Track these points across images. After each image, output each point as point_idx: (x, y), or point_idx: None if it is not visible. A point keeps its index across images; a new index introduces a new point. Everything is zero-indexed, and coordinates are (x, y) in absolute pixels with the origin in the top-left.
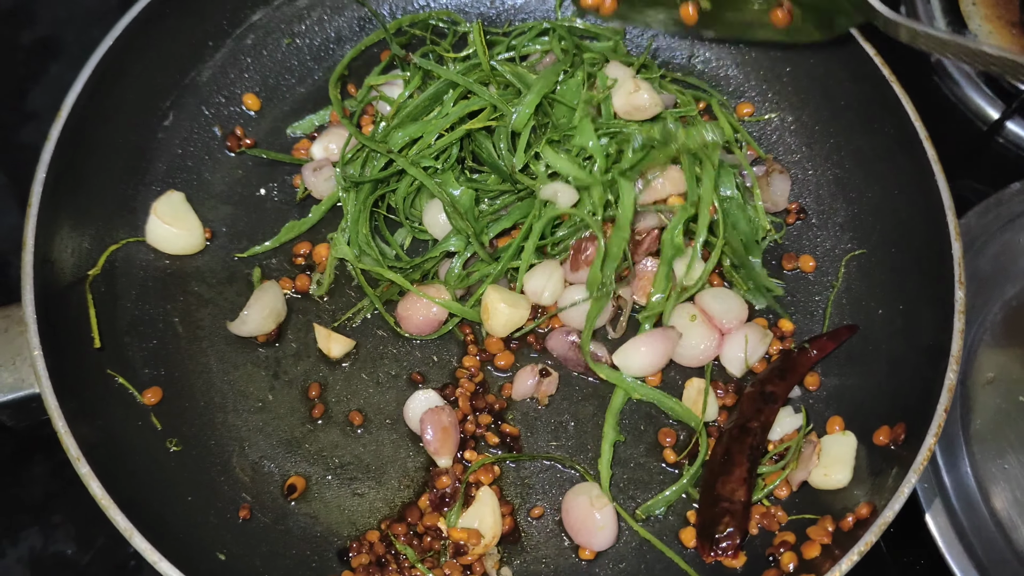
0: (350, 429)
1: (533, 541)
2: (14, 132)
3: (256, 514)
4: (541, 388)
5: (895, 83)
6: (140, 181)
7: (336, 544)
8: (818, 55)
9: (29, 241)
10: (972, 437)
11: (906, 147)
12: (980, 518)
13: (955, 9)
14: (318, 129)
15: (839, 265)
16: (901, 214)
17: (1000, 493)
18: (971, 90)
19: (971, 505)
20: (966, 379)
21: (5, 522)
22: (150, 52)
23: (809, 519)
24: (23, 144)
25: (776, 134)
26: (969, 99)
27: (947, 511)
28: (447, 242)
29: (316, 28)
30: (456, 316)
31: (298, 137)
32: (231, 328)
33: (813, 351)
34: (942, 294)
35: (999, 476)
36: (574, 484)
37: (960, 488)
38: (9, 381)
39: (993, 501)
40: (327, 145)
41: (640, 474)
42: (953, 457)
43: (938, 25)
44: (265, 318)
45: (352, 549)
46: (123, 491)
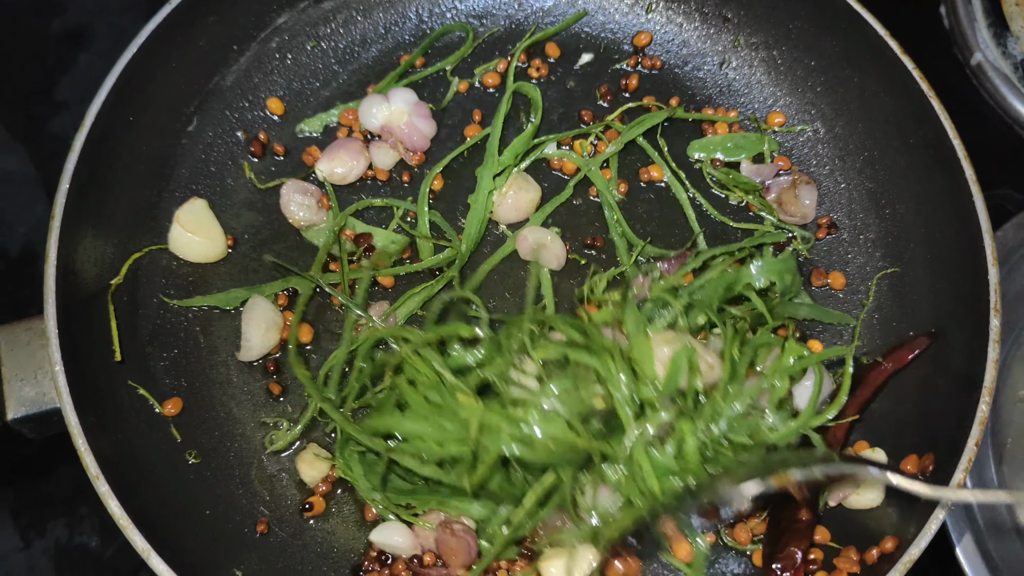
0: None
1: None
2: (44, 123)
3: (274, 528)
4: None
5: (933, 97)
6: (163, 188)
7: (352, 560)
8: (853, 66)
9: (52, 253)
10: (1003, 456)
11: (943, 164)
12: (1008, 540)
13: (998, 10)
14: (327, 131)
15: (870, 283)
16: (936, 233)
17: None
18: (1011, 95)
19: (998, 526)
20: (998, 395)
21: (33, 514)
22: (175, 57)
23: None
24: (52, 135)
25: (808, 145)
26: (1009, 104)
27: (974, 533)
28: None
29: (341, 31)
30: None
31: (309, 138)
32: (240, 358)
33: (887, 364)
34: (976, 320)
35: None
36: None
37: (988, 507)
38: (31, 395)
39: (1021, 520)
40: (334, 168)
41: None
42: (982, 475)
43: (980, 28)
44: (265, 334)
45: (366, 565)
46: (141, 507)
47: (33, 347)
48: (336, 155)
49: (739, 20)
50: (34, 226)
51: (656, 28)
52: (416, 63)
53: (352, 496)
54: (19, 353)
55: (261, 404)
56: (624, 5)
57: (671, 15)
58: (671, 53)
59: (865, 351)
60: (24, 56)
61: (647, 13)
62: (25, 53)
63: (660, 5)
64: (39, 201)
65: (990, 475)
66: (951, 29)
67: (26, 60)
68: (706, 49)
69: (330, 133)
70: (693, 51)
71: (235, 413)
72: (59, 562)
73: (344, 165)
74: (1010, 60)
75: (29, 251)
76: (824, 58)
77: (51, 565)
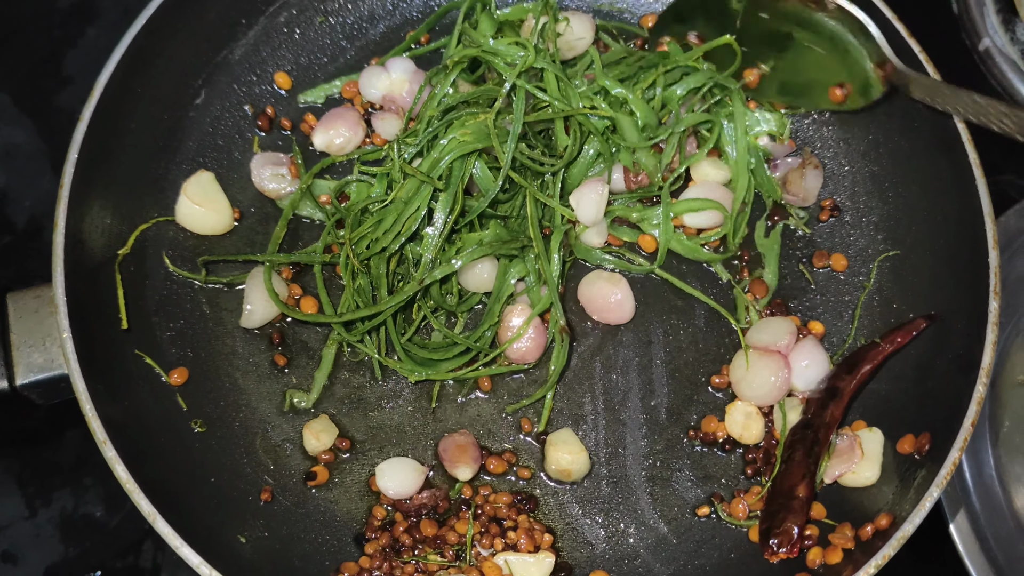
0: (374, 415)
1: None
2: (51, 96)
3: (277, 497)
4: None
5: (939, 79)
6: (171, 160)
7: (354, 528)
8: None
9: (60, 221)
10: (1000, 439)
11: (947, 147)
12: (1002, 521)
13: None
14: (329, 102)
15: (871, 265)
16: (938, 216)
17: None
18: (1018, 81)
19: (993, 507)
20: (997, 379)
21: (39, 483)
22: (183, 30)
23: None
24: (59, 108)
25: (813, 127)
26: (1016, 91)
27: (968, 513)
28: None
29: (349, 6)
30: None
31: (310, 107)
32: (242, 323)
33: (885, 344)
34: (976, 302)
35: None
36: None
37: (983, 489)
38: (39, 361)
39: (1016, 503)
40: (332, 139)
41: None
42: (978, 458)
43: (989, 13)
44: (267, 302)
45: (368, 534)
46: (147, 473)
47: (42, 314)
48: (332, 125)
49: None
50: (40, 198)
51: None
52: (421, 39)
53: (355, 464)
54: (28, 320)
55: (266, 375)
56: None
57: None
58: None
59: (864, 331)
60: (32, 30)
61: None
62: (33, 27)
63: None
64: (45, 173)
65: (987, 458)
66: (960, 14)
67: (34, 34)
68: None
69: (332, 104)
70: None
71: (240, 383)
72: (64, 531)
73: (341, 135)
74: (1018, 46)
75: (35, 223)
76: None
77: (57, 534)
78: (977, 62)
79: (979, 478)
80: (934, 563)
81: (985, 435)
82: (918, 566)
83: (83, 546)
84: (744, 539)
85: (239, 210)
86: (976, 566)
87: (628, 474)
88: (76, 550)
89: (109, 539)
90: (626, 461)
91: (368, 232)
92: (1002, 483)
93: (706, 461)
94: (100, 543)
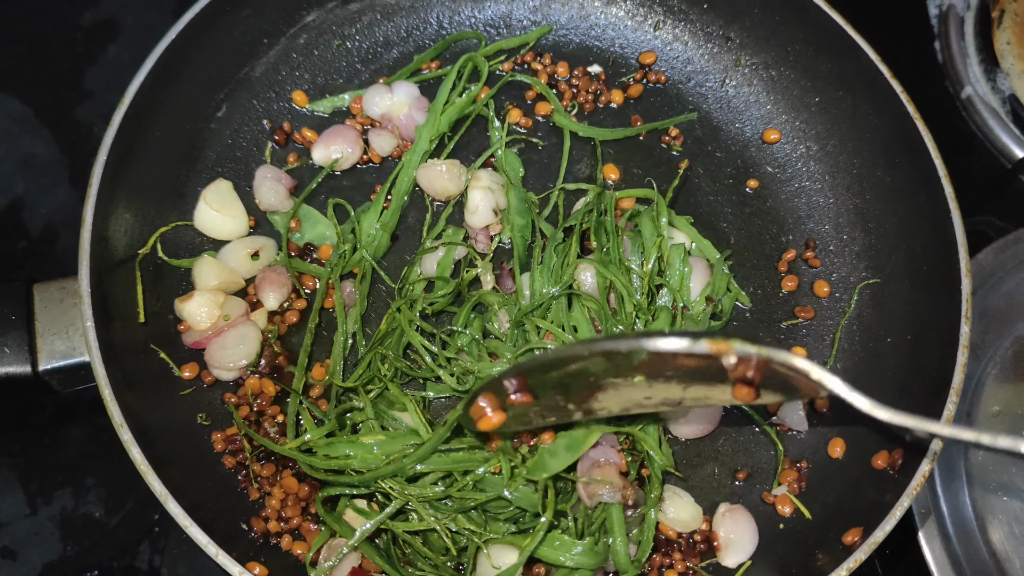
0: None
1: None
2: (71, 110)
3: None
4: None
5: (919, 120)
6: (191, 168)
7: None
8: (846, 88)
9: (88, 218)
10: (973, 468)
11: (926, 184)
12: (976, 550)
13: (989, 47)
14: (338, 113)
15: (852, 293)
16: (916, 247)
17: (998, 526)
18: (998, 128)
19: (967, 535)
20: (972, 411)
21: (40, 480)
22: (209, 46)
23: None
24: (78, 121)
25: (801, 161)
26: (996, 136)
27: (943, 540)
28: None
29: (366, 31)
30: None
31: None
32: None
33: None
34: (950, 328)
35: (998, 509)
36: None
37: (957, 518)
38: (61, 348)
39: (990, 533)
40: (329, 152)
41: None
42: (953, 488)
43: (972, 63)
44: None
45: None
46: (160, 459)
47: (66, 304)
48: (332, 141)
49: (741, 41)
50: (56, 207)
51: (662, 46)
52: (432, 65)
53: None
54: (52, 310)
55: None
56: (634, 22)
57: (678, 33)
58: (675, 69)
59: (844, 354)
60: (56, 45)
61: (655, 31)
62: (57, 42)
63: (668, 23)
64: (62, 183)
65: (961, 487)
66: (944, 63)
67: (57, 49)
68: (708, 67)
69: (341, 116)
70: (696, 68)
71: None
72: (64, 529)
73: (339, 151)
74: (999, 95)
75: (50, 230)
76: (819, 80)
77: (56, 532)
78: (959, 109)
79: (953, 504)
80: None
81: (960, 464)
82: None
83: (82, 545)
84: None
85: (254, 218)
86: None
87: None
88: (74, 549)
89: (108, 539)
90: None
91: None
92: (975, 510)
93: None
94: (99, 543)
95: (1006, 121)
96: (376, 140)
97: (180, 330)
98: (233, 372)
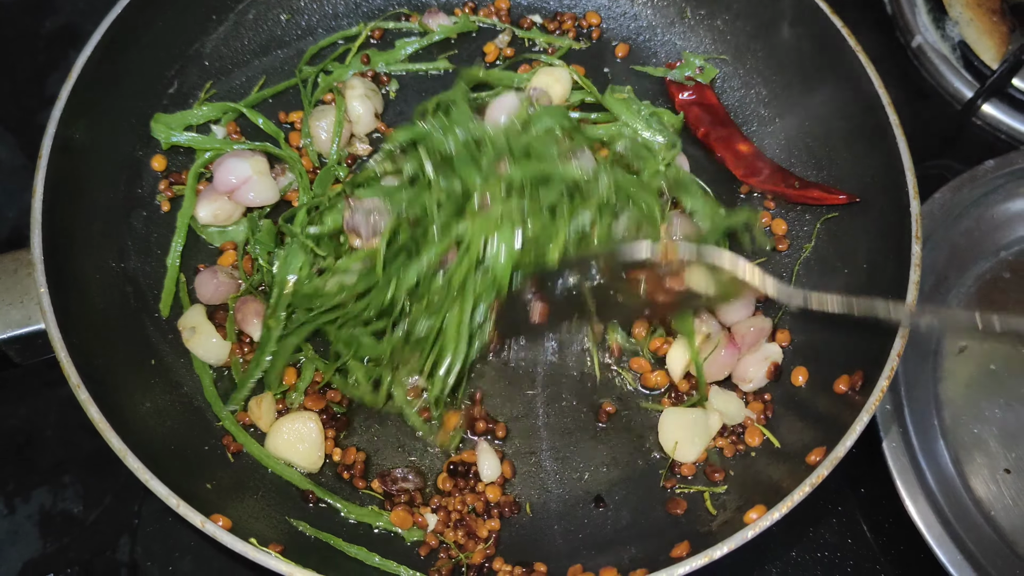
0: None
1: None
2: (34, 115)
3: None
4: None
5: (861, 53)
6: (146, 144)
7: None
8: (793, 30)
9: (39, 189)
10: (944, 404)
11: (869, 112)
12: (960, 502)
13: None
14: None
15: (809, 231)
16: (866, 178)
17: (978, 476)
18: (950, 73)
19: (950, 488)
20: (939, 348)
21: (18, 480)
22: (157, 22)
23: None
24: (41, 126)
25: (751, 107)
26: (947, 82)
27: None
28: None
29: (315, 5)
30: None
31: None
32: None
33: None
34: (902, 250)
35: (970, 443)
36: None
37: (937, 473)
38: (17, 318)
39: (971, 483)
40: (216, 211)
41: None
42: (930, 444)
43: (920, 12)
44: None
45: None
46: (119, 419)
47: (20, 275)
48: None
49: None
50: (23, 212)
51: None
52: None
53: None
54: (7, 280)
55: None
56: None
57: None
58: (624, 27)
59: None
60: (17, 52)
61: None
62: (18, 49)
63: None
64: (27, 188)
65: (932, 423)
66: (893, 14)
67: (19, 56)
68: (656, 22)
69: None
70: (643, 24)
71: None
72: (43, 527)
73: (220, 206)
74: (948, 42)
75: (17, 234)
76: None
77: (35, 530)
78: (911, 58)
79: (927, 444)
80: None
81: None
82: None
83: (61, 541)
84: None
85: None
86: (920, 512)
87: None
88: (54, 545)
89: (87, 535)
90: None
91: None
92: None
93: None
94: (78, 539)
95: (957, 67)
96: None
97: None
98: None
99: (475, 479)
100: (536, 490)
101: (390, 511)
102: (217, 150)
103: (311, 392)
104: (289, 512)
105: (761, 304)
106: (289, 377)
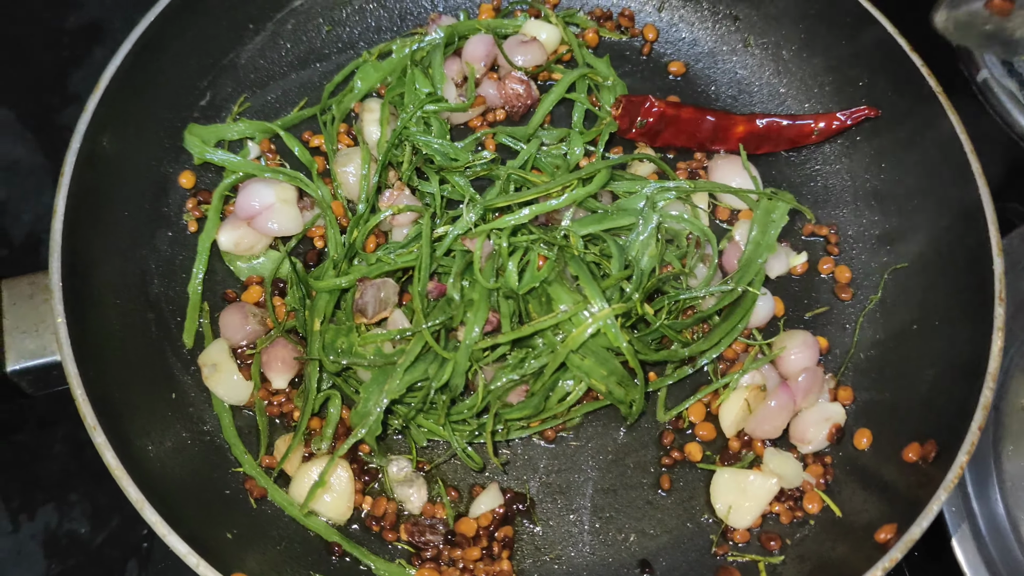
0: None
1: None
2: (55, 114)
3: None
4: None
5: (941, 94)
6: (174, 159)
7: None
8: (862, 63)
9: (60, 209)
10: (1004, 464)
11: (950, 159)
12: (1008, 547)
13: None
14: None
15: (876, 279)
16: (941, 228)
17: None
18: (1016, 112)
19: (999, 533)
20: (1000, 403)
21: (23, 497)
22: (191, 31)
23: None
24: (62, 126)
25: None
26: (1015, 121)
27: (975, 539)
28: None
29: (356, 17)
30: None
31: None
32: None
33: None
34: (980, 310)
35: None
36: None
37: (989, 516)
38: (31, 347)
39: (1022, 530)
40: (238, 239)
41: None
42: (983, 484)
43: None
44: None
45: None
46: (137, 464)
47: (36, 300)
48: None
49: (748, 21)
50: (40, 214)
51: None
52: None
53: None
54: (22, 306)
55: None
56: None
57: (683, 14)
58: (682, 52)
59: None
60: (40, 48)
61: (659, 12)
62: (41, 45)
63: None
64: (46, 189)
65: (991, 483)
66: (958, 47)
67: (41, 52)
68: (716, 49)
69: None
70: (703, 51)
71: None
72: (48, 547)
73: (248, 236)
74: (1016, 78)
75: (33, 238)
76: (832, 56)
77: (40, 550)
78: (976, 93)
79: (984, 501)
80: None
81: (990, 460)
82: None
83: (66, 564)
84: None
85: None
86: None
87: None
88: (59, 567)
89: (93, 557)
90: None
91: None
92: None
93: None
94: (84, 561)
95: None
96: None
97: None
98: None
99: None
100: (574, 550)
101: (417, 567)
102: (248, 174)
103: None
104: (313, 565)
105: (823, 357)
106: (314, 423)
